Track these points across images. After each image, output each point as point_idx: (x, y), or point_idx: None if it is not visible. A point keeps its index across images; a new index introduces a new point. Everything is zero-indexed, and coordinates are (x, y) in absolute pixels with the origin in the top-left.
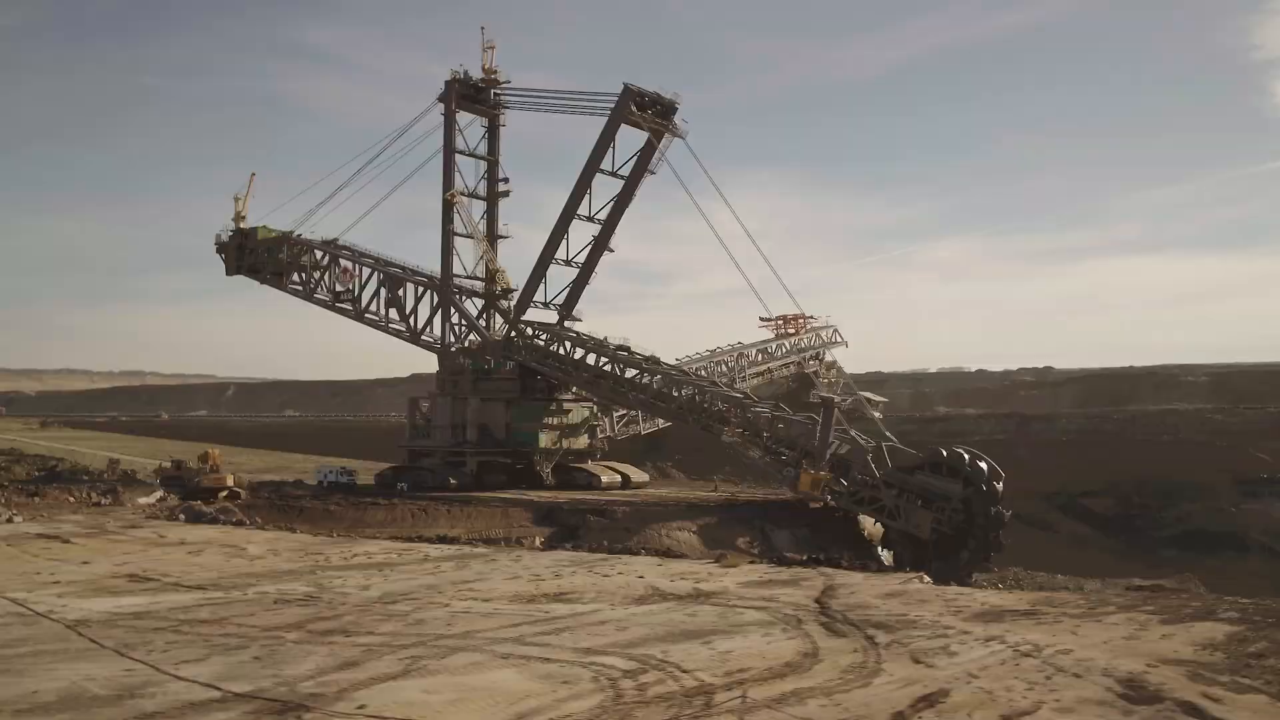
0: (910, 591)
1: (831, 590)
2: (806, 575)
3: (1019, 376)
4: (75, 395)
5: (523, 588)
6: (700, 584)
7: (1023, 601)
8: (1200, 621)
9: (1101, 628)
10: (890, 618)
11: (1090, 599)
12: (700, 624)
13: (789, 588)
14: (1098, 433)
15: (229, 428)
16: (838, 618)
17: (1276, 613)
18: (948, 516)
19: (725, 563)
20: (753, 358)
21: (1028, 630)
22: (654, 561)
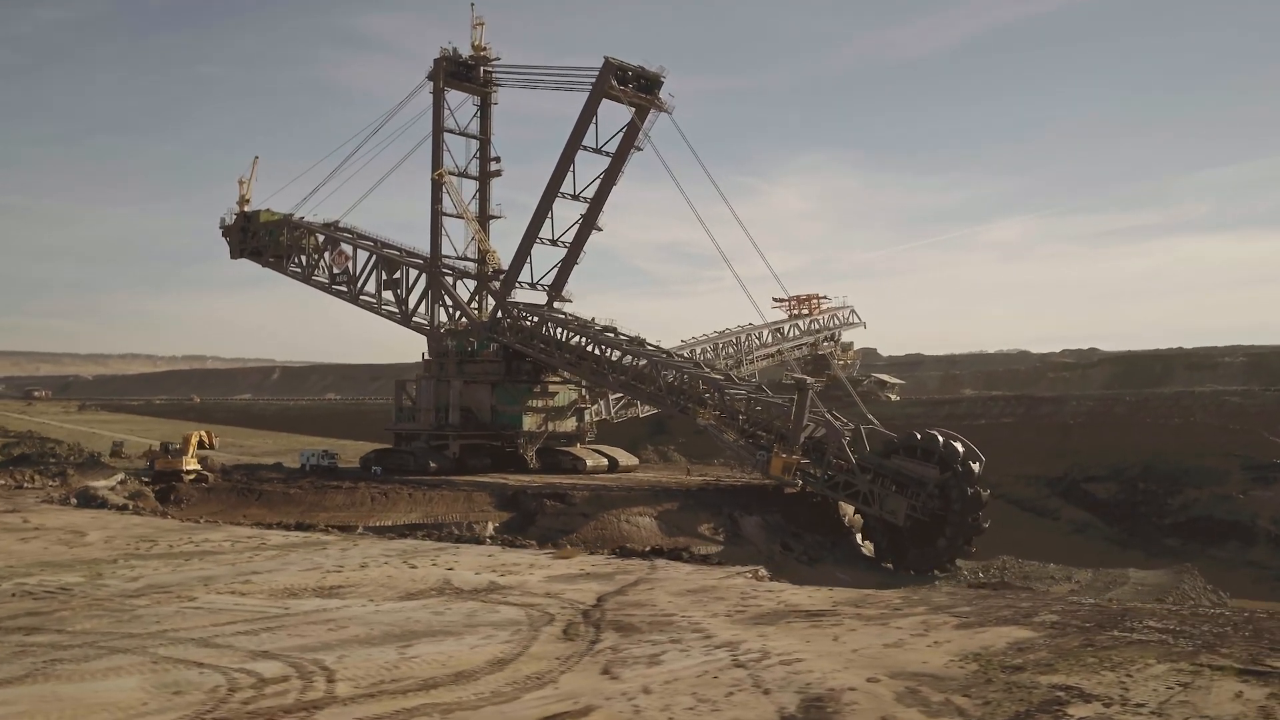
0: (721, 588)
1: (633, 586)
2: (631, 568)
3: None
4: (131, 379)
5: (305, 580)
6: (504, 577)
7: (828, 601)
8: (1003, 626)
9: (877, 633)
10: (651, 619)
11: (908, 599)
12: (434, 623)
13: (592, 582)
14: (1108, 415)
15: (254, 411)
16: (593, 619)
17: (1102, 615)
18: (923, 502)
19: (561, 554)
20: (764, 339)
21: (789, 635)
22: (486, 552)
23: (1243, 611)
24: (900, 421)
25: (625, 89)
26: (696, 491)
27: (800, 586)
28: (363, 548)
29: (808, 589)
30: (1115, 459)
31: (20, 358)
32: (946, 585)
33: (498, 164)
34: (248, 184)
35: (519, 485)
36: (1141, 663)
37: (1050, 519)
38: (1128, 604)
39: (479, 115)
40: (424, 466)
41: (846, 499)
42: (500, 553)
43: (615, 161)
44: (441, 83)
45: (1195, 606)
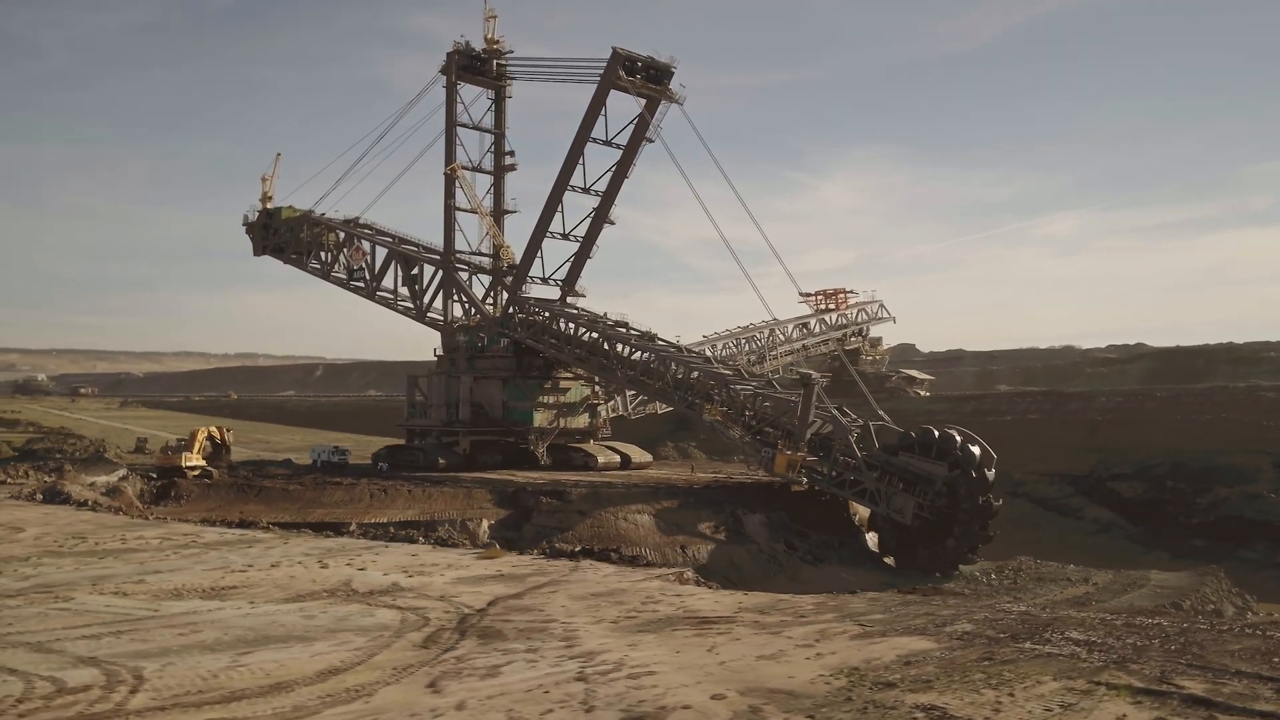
0: (630, 591)
1: (539, 589)
2: (552, 569)
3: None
4: (179, 376)
5: (202, 581)
6: (412, 579)
7: (734, 607)
8: (905, 637)
9: (762, 643)
10: (526, 625)
11: (823, 605)
12: (297, 628)
13: (498, 584)
14: (1137, 412)
15: (288, 407)
16: (466, 625)
17: (1023, 626)
18: (930, 501)
19: (486, 554)
20: (789, 334)
21: (663, 645)
22: (411, 552)
23: (1182, 622)
24: (924, 418)
25: (633, 80)
26: (700, 489)
27: (718, 591)
28: (290, 547)
29: (722, 593)
30: (1142, 456)
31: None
32: (956, 586)
33: (512, 158)
34: (270, 181)
35: (524, 482)
36: (1033, 680)
37: (1073, 518)
38: (1061, 612)
39: (493, 109)
40: (433, 463)
41: (854, 497)
42: (426, 552)
43: (626, 154)
44: (454, 77)
45: (1131, 618)
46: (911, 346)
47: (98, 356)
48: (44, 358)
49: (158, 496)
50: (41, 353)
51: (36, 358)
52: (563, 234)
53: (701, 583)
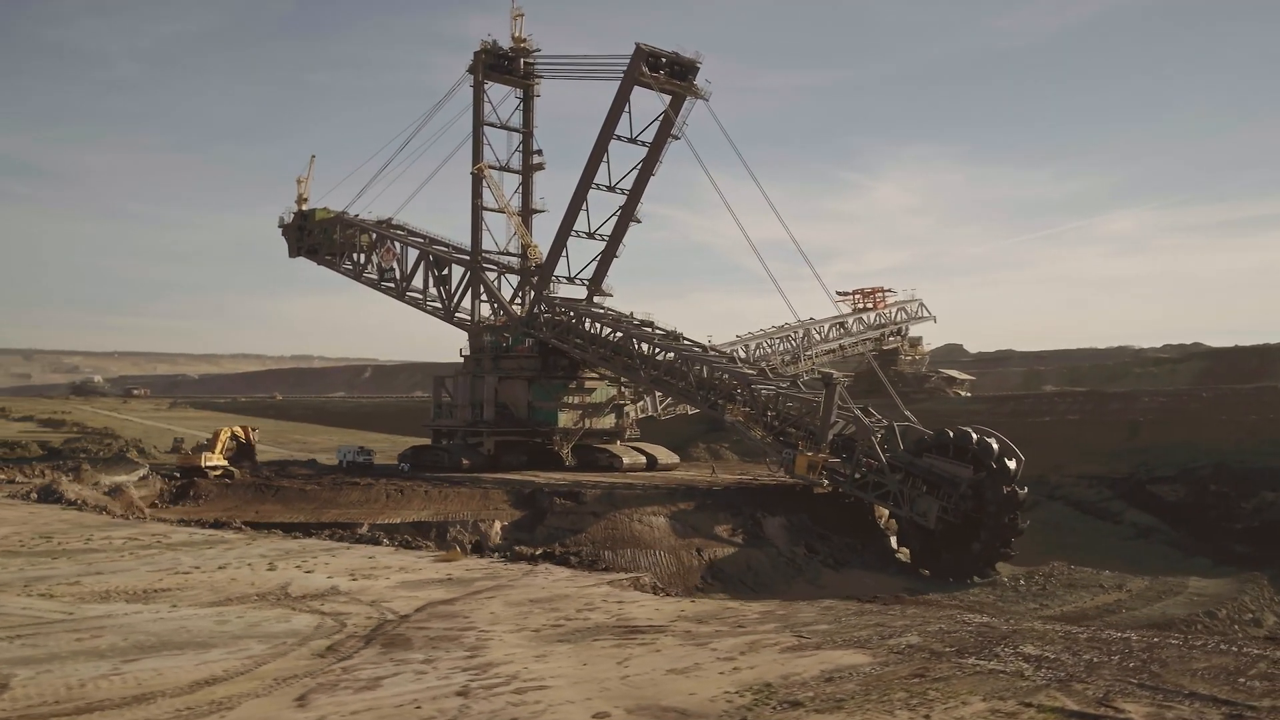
0: (572, 597)
1: (479, 593)
2: (506, 573)
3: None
4: (233, 378)
5: (140, 582)
6: (356, 582)
7: (673, 616)
8: (840, 650)
9: (681, 655)
10: (440, 633)
11: (770, 615)
12: (201, 633)
13: (439, 589)
14: (1181, 412)
15: (329, 408)
16: (379, 631)
17: (977, 638)
18: (954, 504)
19: (444, 556)
20: (825, 333)
21: (575, 657)
22: (367, 555)
23: (1152, 637)
24: (962, 419)
25: (657, 76)
26: (719, 491)
27: (664, 598)
28: (251, 548)
29: (668, 601)
30: (1185, 458)
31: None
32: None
33: (540, 157)
34: (305, 183)
35: (545, 483)
36: (959, 700)
37: (1112, 522)
38: (1025, 624)
39: (521, 108)
40: (456, 463)
41: (877, 499)
42: (385, 555)
43: (652, 151)
44: (481, 76)
45: (1099, 631)
46: (959, 347)
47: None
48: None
49: (176, 496)
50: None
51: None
52: (588, 233)
53: (659, 589)
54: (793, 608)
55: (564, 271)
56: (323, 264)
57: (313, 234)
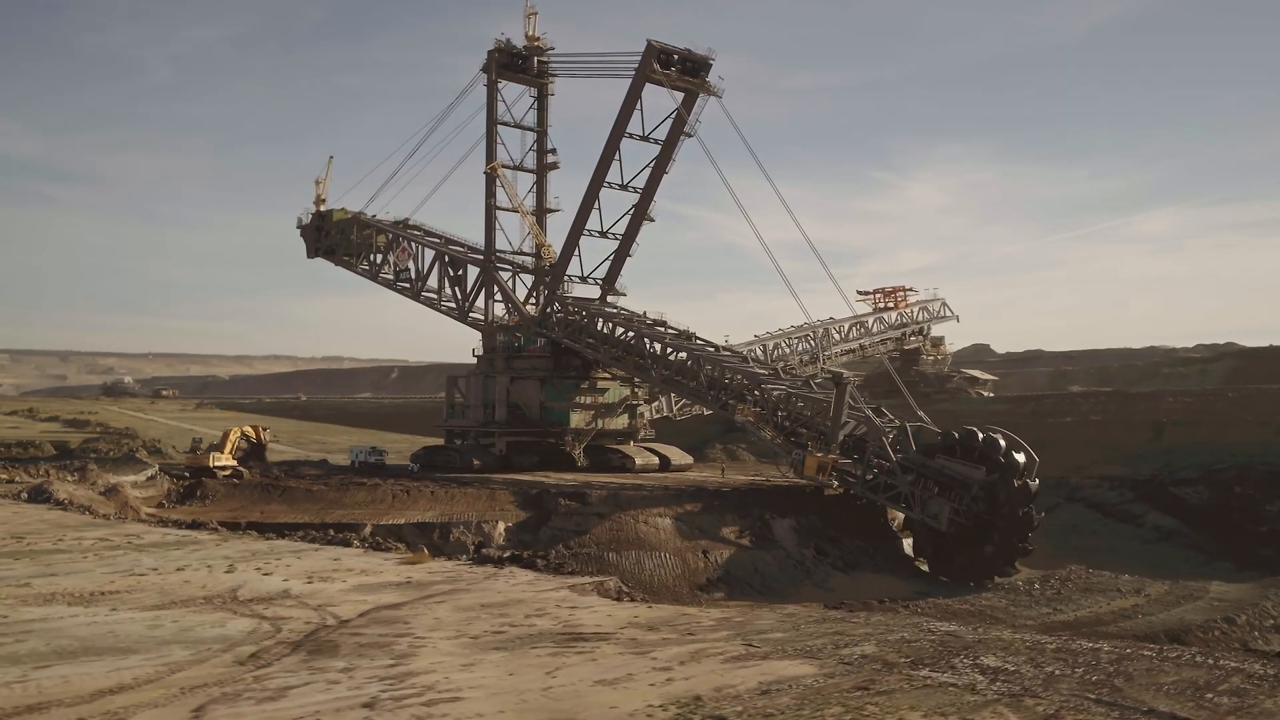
0: (525, 602)
1: (431, 598)
2: (469, 576)
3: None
4: (263, 378)
5: (91, 584)
6: (310, 584)
7: (622, 623)
8: (786, 660)
9: (618, 665)
10: (372, 640)
11: (725, 622)
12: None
13: (393, 593)
14: (1206, 413)
15: (351, 409)
16: (310, 637)
17: (930, 648)
18: (967, 506)
19: (409, 558)
20: (845, 333)
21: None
22: (333, 557)
23: (1126, 648)
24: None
25: (668, 73)
26: (728, 492)
27: (624, 603)
28: (220, 549)
29: (624, 607)
30: (1209, 460)
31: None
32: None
33: (554, 156)
34: (323, 184)
35: (554, 484)
36: (895, 716)
37: (1133, 525)
38: (992, 633)
39: (535, 107)
40: (467, 464)
41: (888, 501)
42: (352, 557)
43: (664, 150)
44: (495, 75)
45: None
46: (986, 347)
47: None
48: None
49: (184, 496)
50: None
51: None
52: (601, 232)
53: (624, 594)
54: (752, 614)
55: (578, 271)
56: (340, 264)
57: (330, 234)
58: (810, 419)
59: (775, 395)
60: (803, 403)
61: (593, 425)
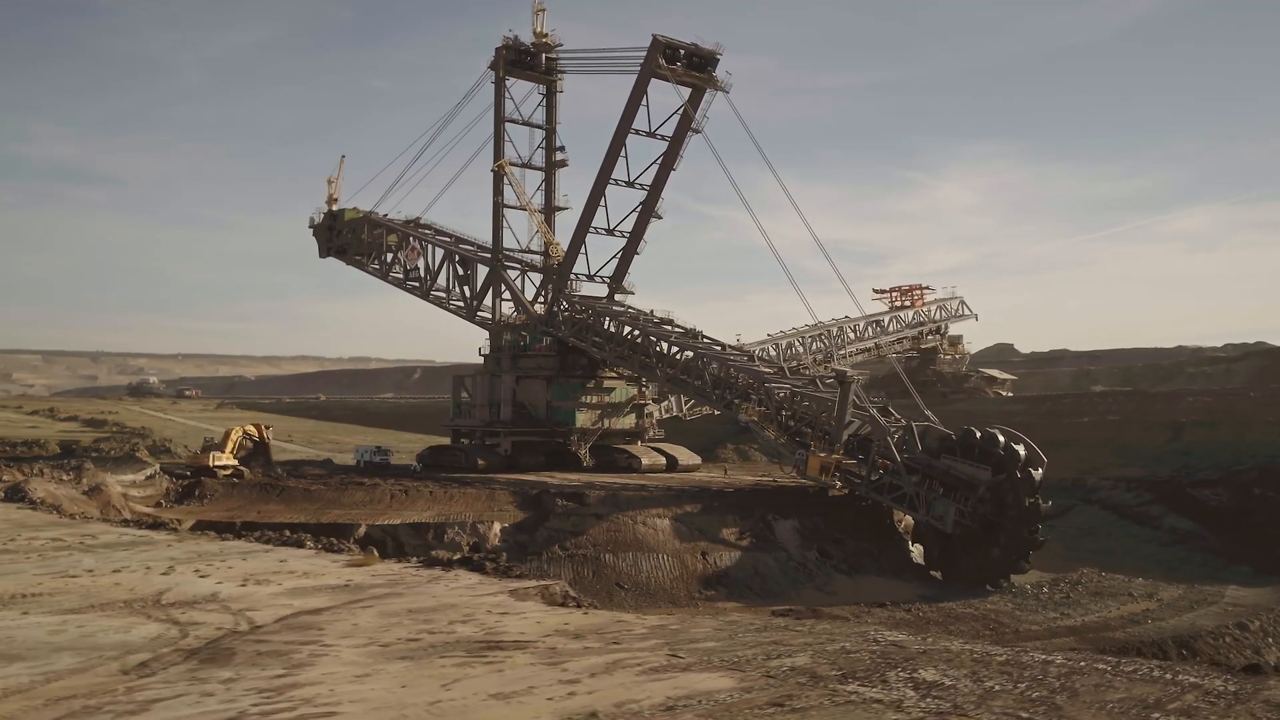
0: (459, 606)
1: (360, 602)
2: (413, 579)
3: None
4: (287, 379)
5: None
6: (244, 587)
7: (548, 630)
8: (708, 673)
9: (524, 676)
10: (275, 648)
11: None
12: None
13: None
14: (1227, 413)
15: (369, 408)
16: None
17: (867, 661)
18: (972, 507)
19: (355, 560)
20: (860, 332)
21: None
22: (280, 558)
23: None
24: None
25: (674, 68)
26: (730, 493)
27: (566, 609)
28: (169, 550)
29: (556, 613)
30: (1229, 460)
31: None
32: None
33: (562, 154)
34: (335, 183)
35: (558, 484)
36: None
37: (1150, 527)
38: (939, 644)
39: (543, 104)
40: (472, 464)
41: (893, 502)
42: (299, 558)
43: (672, 146)
44: (502, 72)
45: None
46: (1009, 346)
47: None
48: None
49: (182, 496)
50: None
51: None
52: (608, 229)
53: (569, 598)
54: (692, 622)
55: (586, 270)
56: (351, 264)
57: (341, 234)
58: (815, 418)
59: (779, 394)
60: (808, 402)
61: (599, 425)
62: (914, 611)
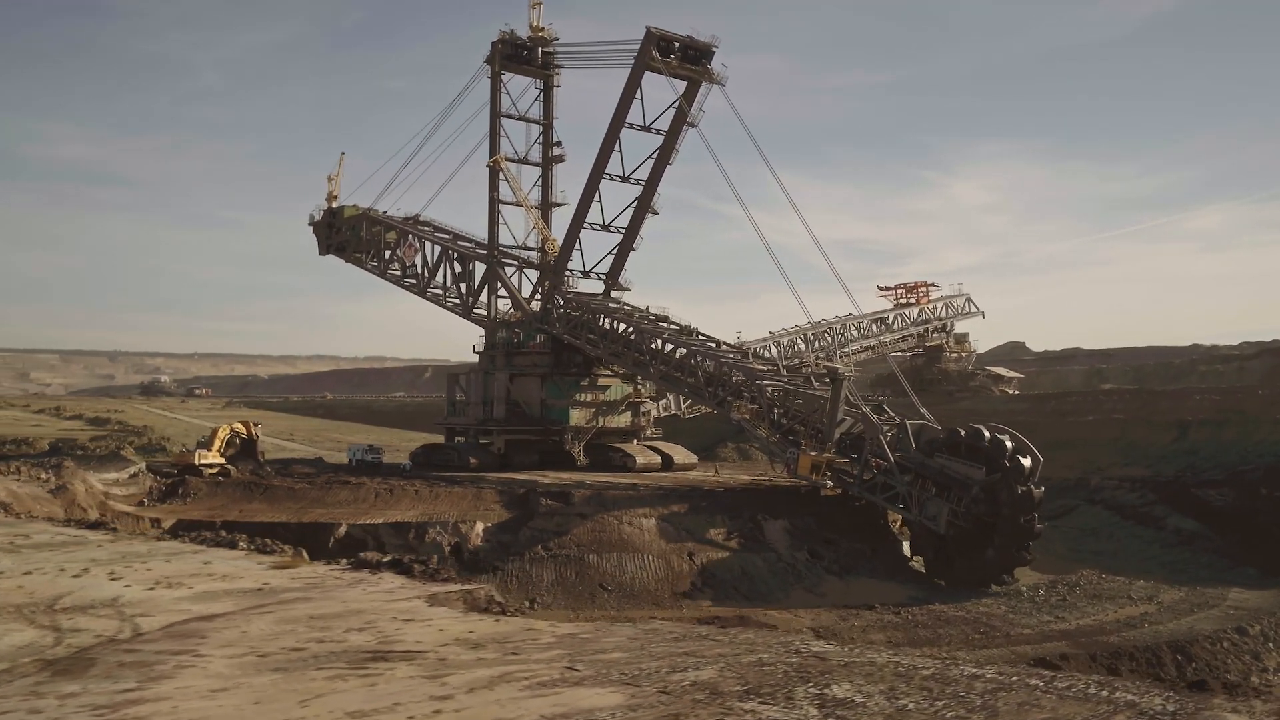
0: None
1: (261, 607)
2: (334, 583)
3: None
4: (300, 378)
5: None
6: (152, 591)
7: (449, 639)
8: (601, 688)
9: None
10: (146, 658)
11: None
12: None
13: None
14: (1235, 411)
15: (375, 407)
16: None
17: (777, 675)
18: (965, 507)
19: (281, 562)
20: (864, 329)
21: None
22: (204, 560)
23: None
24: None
25: (668, 60)
26: (720, 493)
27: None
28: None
29: (468, 619)
30: (1235, 460)
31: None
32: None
33: (559, 149)
34: (335, 180)
35: (548, 483)
36: None
37: (1153, 528)
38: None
39: (540, 99)
40: (465, 463)
41: (885, 502)
42: (224, 560)
43: (668, 140)
44: (498, 66)
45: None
46: (1021, 345)
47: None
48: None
49: (165, 495)
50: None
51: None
52: (603, 225)
53: (494, 603)
54: (606, 630)
55: (581, 266)
56: (350, 261)
57: (340, 231)
58: (807, 416)
59: (771, 392)
60: (800, 400)
61: (594, 423)
62: (903, 614)
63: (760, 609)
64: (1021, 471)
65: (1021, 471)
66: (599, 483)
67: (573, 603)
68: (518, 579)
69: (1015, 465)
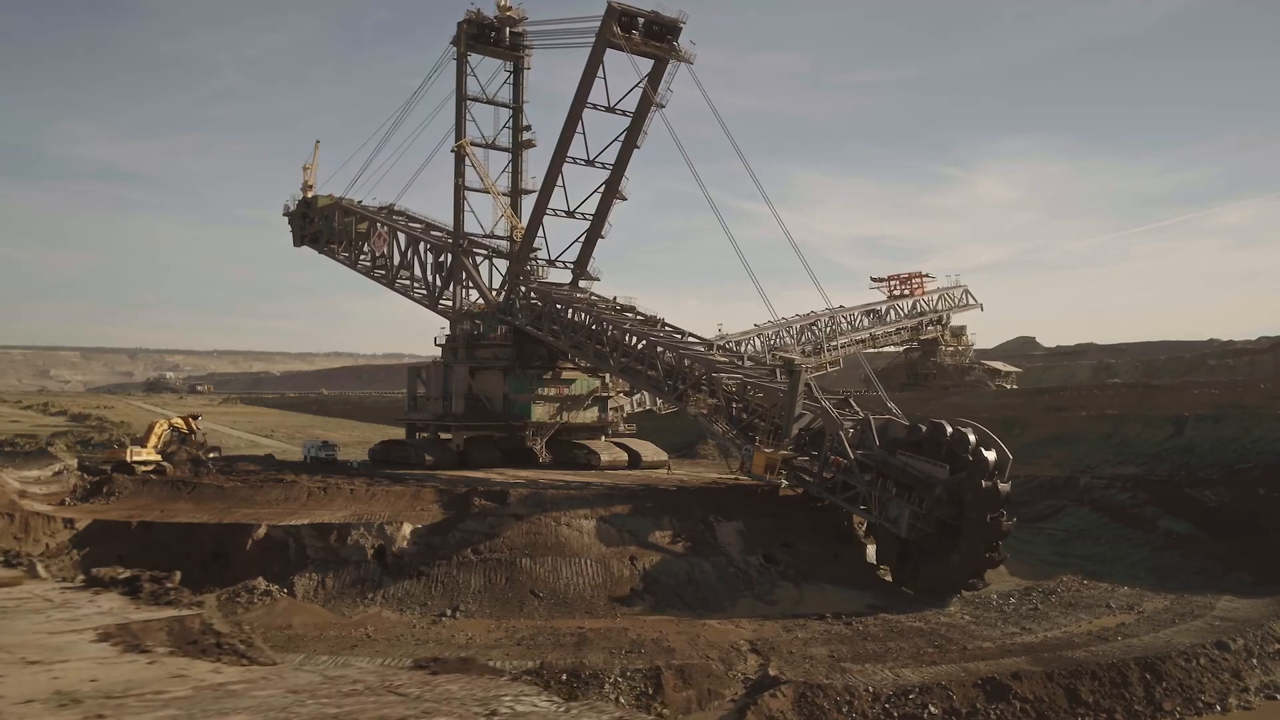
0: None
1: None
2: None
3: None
4: (311, 375)
5: None
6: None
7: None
8: None
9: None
10: None
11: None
12: None
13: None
14: (1234, 407)
15: (366, 404)
16: None
17: None
18: (928, 509)
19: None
20: (855, 322)
21: None
22: None
23: None
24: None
25: (629, 36)
26: (672, 492)
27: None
28: None
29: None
30: (1233, 457)
31: (238, 356)
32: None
33: (530, 133)
34: (311, 170)
35: (500, 482)
36: None
37: (1144, 530)
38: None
39: (510, 82)
40: (420, 459)
41: (845, 503)
42: None
43: (635, 121)
44: (464, 47)
45: None
46: (1031, 340)
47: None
48: (206, 359)
49: (89, 493)
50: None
51: (199, 359)
52: (567, 211)
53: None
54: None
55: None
56: (324, 252)
57: (314, 221)
58: (767, 411)
59: (729, 384)
60: (760, 393)
61: (557, 419)
62: (854, 625)
63: (702, 618)
64: (985, 466)
65: (985, 466)
66: (550, 481)
67: (499, 611)
68: (443, 584)
69: (979, 460)
